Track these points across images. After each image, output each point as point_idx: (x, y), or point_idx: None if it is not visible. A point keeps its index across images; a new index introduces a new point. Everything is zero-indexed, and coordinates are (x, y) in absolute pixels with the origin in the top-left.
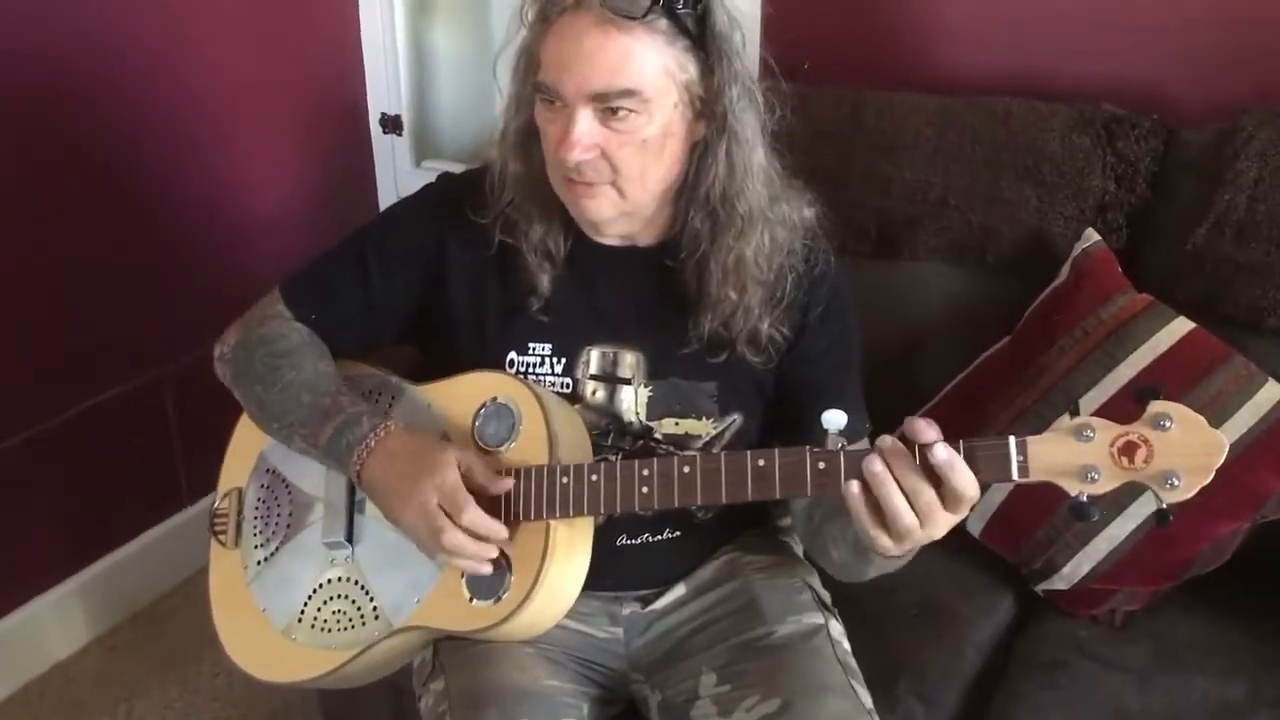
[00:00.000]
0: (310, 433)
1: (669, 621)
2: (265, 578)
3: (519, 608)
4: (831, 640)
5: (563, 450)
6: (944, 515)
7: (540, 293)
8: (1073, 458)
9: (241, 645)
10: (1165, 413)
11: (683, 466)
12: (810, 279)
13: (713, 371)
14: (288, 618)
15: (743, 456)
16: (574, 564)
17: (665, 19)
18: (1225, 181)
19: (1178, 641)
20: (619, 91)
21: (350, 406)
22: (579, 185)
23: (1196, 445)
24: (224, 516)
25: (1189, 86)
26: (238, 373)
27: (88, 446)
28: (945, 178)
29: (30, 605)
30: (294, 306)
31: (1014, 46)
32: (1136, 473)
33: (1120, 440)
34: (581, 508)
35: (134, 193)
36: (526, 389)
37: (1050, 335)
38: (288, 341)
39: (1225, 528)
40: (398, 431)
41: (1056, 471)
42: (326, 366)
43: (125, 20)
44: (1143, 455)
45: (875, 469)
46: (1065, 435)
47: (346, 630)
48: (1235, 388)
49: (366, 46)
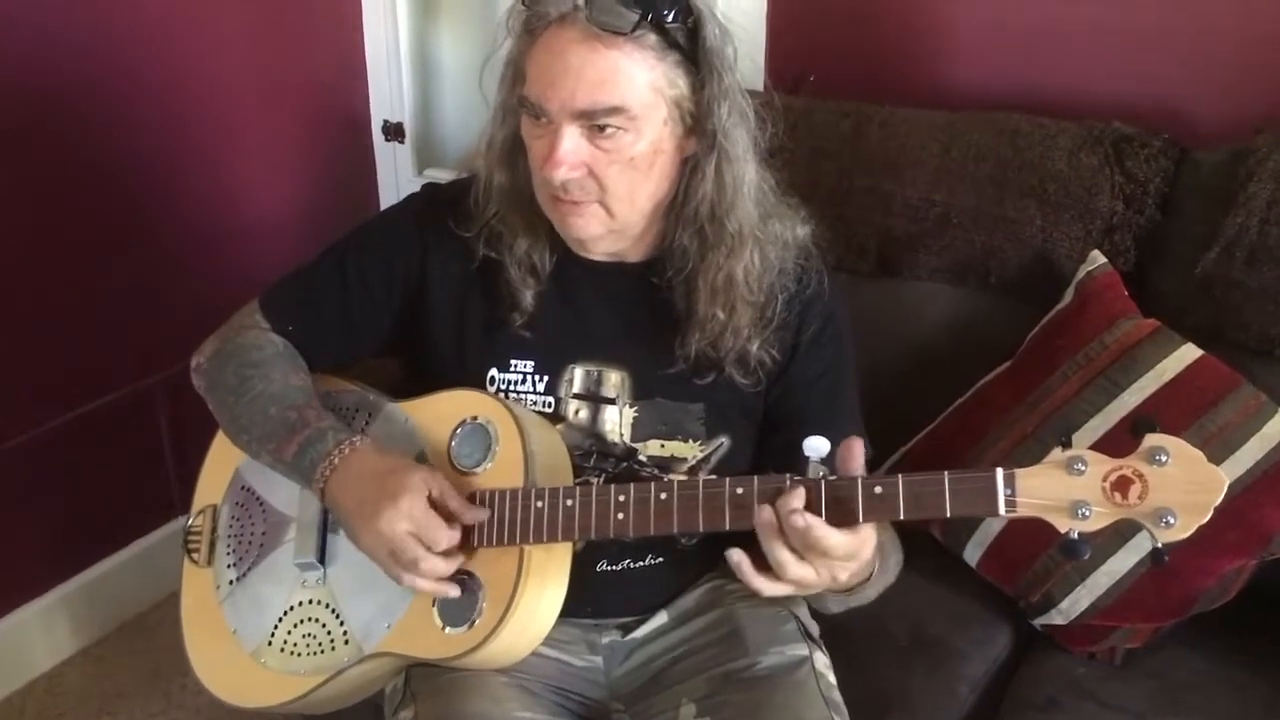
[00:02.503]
0: (276, 447)
1: (650, 650)
2: (237, 598)
3: (491, 634)
4: (816, 673)
5: (539, 473)
6: (809, 566)
7: (523, 308)
8: (1063, 492)
9: (211, 667)
10: (1162, 446)
11: (660, 493)
12: (803, 300)
13: (700, 393)
14: (257, 641)
15: (721, 484)
16: (549, 590)
17: (654, 34)
18: (1237, 204)
19: (1180, 682)
20: (606, 109)
21: (317, 421)
22: (566, 203)
23: (1194, 482)
24: (198, 534)
25: (1201, 105)
26: (211, 383)
27: (79, 454)
28: (948, 196)
29: (15, 615)
30: (272, 317)
31: (1021, 62)
32: (1130, 509)
33: (1113, 475)
34: (556, 533)
35: (133, 199)
36: (505, 409)
37: (1053, 360)
38: (261, 353)
39: (1230, 564)
40: (365, 450)
41: (1046, 507)
42: (299, 380)
43: (126, 28)
44: (1137, 491)
45: (761, 519)
46: (1056, 468)
47: (316, 655)
48: (1243, 418)
49: (369, 53)
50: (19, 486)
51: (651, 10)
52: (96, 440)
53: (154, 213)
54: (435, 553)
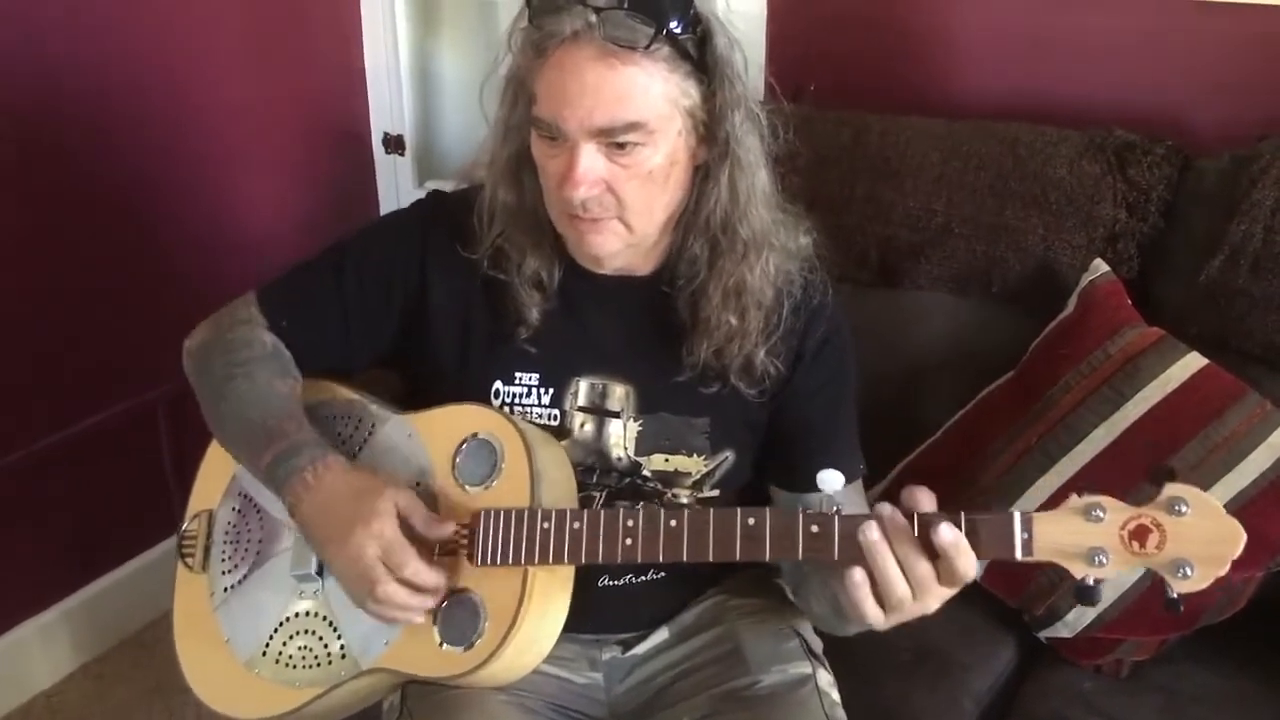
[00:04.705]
0: (251, 454)
1: (651, 667)
2: (232, 606)
3: (491, 657)
4: (819, 691)
5: (545, 492)
6: (939, 590)
7: (529, 323)
8: (1080, 538)
9: (203, 676)
10: (1181, 497)
11: (669, 520)
12: (809, 309)
13: (705, 406)
14: (252, 650)
15: (732, 514)
16: (551, 614)
17: (667, 46)
18: (1241, 211)
19: (1187, 694)
20: (624, 125)
21: (295, 433)
22: (584, 221)
23: (1212, 534)
24: (192, 539)
25: (1204, 112)
26: (198, 369)
27: (79, 470)
28: (950, 205)
29: (15, 631)
30: (266, 311)
31: (1023, 70)
32: (1147, 559)
33: (1132, 523)
34: (561, 556)
35: (134, 214)
36: (511, 426)
37: (1056, 370)
38: (249, 351)
39: (1238, 575)
40: (337, 469)
41: (1062, 552)
42: (283, 386)
43: (126, 41)
44: (1155, 540)
45: (872, 537)
46: (1074, 514)
47: (312, 668)
48: (1249, 427)
49: (369, 65)
50: (19, 502)
51: (664, 23)
52: (97, 455)
53: (154, 227)
54: (400, 577)
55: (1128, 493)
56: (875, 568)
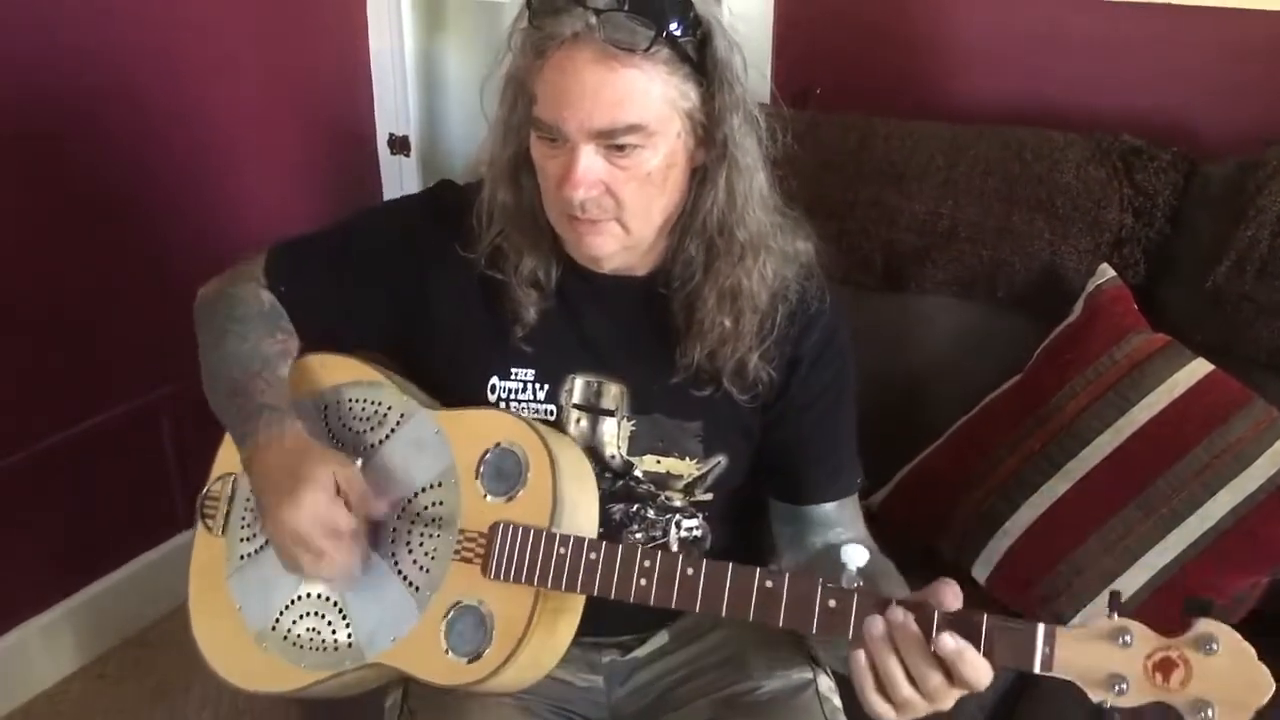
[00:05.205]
0: (228, 410)
1: (651, 672)
2: (246, 575)
3: (494, 672)
4: (820, 697)
5: (566, 515)
6: (951, 693)
7: (526, 322)
8: (1103, 662)
9: (212, 641)
10: (1213, 635)
11: (686, 568)
12: (806, 315)
13: (698, 410)
14: (261, 624)
15: (751, 573)
16: (558, 635)
17: (666, 48)
18: (1247, 217)
19: None
20: (624, 127)
21: (260, 396)
22: (583, 223)
23: (1240, 680)
24: (215, 500)
25: (1211, 117)
26: (201, 319)
27: (83, 469)
28: (955, 209)
29: (17, 631)
30: (269, 273)
31: (1030, 74)
32: (1168, 694)
33: (1159, 654)
34: (575, 585)
35: (136, 212)
36: (540, 442)
37: (1061, 375)
38: (247, 308)
39: (1242, 582)
40: (290, 435)
41: (1082, 673)
42: (269, 347)
43: (131, 42)
44: (1179, 676)
45: (875, 632)
46: (1100, 637)
47: (318, 652)
48: (1255, 434)
49: (375, 66)
50: (23, 501)
51: (664, 25)
52: (100, 455)
53: (158, 227)
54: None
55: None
56: (876, 664)
